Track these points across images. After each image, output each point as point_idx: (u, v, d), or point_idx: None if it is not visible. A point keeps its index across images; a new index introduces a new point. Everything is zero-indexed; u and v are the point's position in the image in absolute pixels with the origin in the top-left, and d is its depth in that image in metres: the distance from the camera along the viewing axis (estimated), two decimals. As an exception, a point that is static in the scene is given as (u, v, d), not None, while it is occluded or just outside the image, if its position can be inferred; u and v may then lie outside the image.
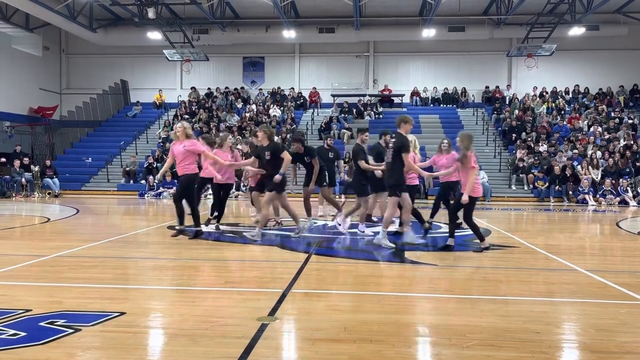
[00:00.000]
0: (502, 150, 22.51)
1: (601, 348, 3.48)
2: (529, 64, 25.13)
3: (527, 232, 9.72)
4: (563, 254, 7.11)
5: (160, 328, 3.92)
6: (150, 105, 28.10)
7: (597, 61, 26.37)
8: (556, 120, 23.98)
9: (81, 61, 29.20)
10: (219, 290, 5.03)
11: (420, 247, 7.55)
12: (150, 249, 7.51)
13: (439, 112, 25.97)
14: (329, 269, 6.17)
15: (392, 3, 23.93)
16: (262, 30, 26.25)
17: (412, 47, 27.09)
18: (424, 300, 4.78)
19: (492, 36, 25.75)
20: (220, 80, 28.60)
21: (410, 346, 3.48)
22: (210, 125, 24.85)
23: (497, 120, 24.80)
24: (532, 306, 4.57)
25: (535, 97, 26.02)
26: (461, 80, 27.22)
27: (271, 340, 3.55)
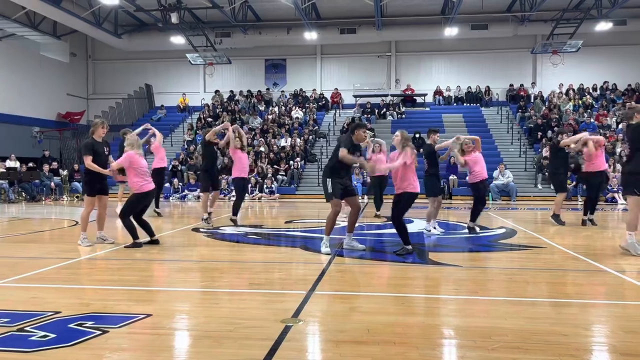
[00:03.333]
0: (527, 149, 22.17)
1: (631, 351, 3.39)
2: (555, 61, 24.71)
3: (554, 232, 9.55)
4: (591, 254, 6.96)
5: (185, 330, 3.96)
6: (174, 108, 28.49)
7: (625, 56, 25.79)
8: (583, 117, 23.51)
9: (107, 66, 29.79)
10: (243, 292, 5.06)
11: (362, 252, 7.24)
12: (175, 251, 7.60)
13: (463, 111, 25.71)
14: (352, 271, 6.16)
15: (413, 2, 23.79)
16: (283, 32, 26.38)
17: (434, 46, 26.90)
18: (448, 302, 4.74)
19: (516, 33, 25.39)
20: (242, 83, 28.83)
21: (435, 348, 3.45)
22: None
23: (521, 118, 24.44)
24: (560, 308, 4.49)
25: (561, 94, 25.57)
26: (485, 79, 26.92)
27: (295, 342, 3.56)
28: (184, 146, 23.94)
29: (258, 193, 19.89)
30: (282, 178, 21.12)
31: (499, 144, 22.81)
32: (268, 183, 20.17)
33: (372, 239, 9.07)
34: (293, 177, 21.27)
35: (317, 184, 20.15)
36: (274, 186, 20.21)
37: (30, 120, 24.81)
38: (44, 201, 19.20)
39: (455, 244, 8.31)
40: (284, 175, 21.27)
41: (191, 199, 19.43)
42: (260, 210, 15.72)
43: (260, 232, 9.65)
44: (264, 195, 19.76)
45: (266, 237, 9.08)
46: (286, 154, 22.37)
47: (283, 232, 9.93)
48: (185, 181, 20.93)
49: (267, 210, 15.50)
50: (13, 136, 23.19)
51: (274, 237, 9.18)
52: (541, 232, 9.37)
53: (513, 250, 7.62)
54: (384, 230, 10.06)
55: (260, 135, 23.96)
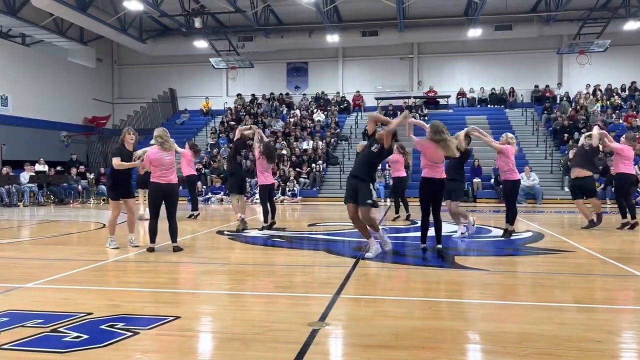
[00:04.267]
0: (553, 151, 21.80)
1: (669, 359, 3.31)
2: (581, 61, 24.26)
3: (582, 235, 9.36)
4: (622, 259, 6.81)
5: (213, 332, 3.99)
6: (197, 112, 28.80)
7: (655, 56, 25.18)
8: (611, 118, 23.03)
9: (132, 71, 30.27)
10: (269, 294, 5.08)
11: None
12: (201, 254, 7.67)
13: (487, 113, 25.41)
14: (378, 274, 6.14)
15: (436, 3, 23.61)
16: (305, 35, 26.46)
17: (457, 48, 26.66)
18: (477, 307, 4.68)
19: (541, 34, 25.01)
20: (264, 86, 28.98)
21: (465, 353, 3.41)
22: (256, 131, 25.19)
23: (547, 120, 24.06)
24: (592, 313, 4.39)
25: (589, 95, 25.09)
26: (509, 80, 26.57)
27: (322, 346, 3.56)
28: (207, 149, 24.16)
29: (280, 196, 19.96)
30: (304, 181, 21.16)
31: (524, 145, 22.46)
32: (290, 186, 20.23)
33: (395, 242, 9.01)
34: (315, 180, 21.29)
35: (340, 187, 20.13)
36: (296, 189, 20.26)
37: (58, 124, 25.33)
38: (71, 204, 19.58)
39: (482, 247, 8.21)
40: (306, 178, 21.30)
41: (215, 202, 19.59)
42: (283, 213, 15.76)
43: (283, 235, 9.67)
44: (286, 198, 19.81)
45: (289, 240, 9.10)
46: (308, 157, 22.41)
47: (306, 235, 9.94)
48: (209, 184, 21.11)
49: (290, 213, 15.54)
50: (42, 140, 23.71)
51: (297, 240, 9.19)
52: (569, 236, 9.20)
53: (540, 254, 7.50)
54: (408, 234, 10.00)
55: (282, 138, 24.05)
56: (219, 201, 19.60)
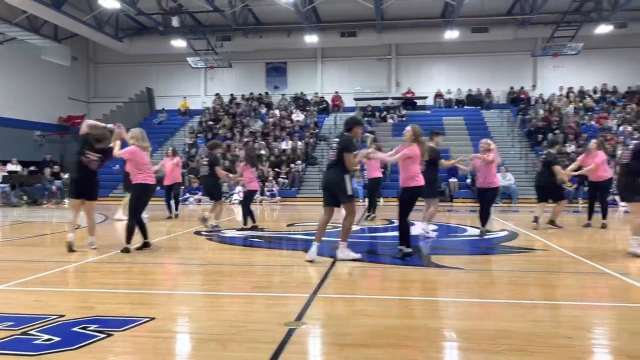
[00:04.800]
0: (528, 152, 22.17)
1: (636, 353, 3.40)
2: (555, 64, 24.75)
3: (555, 234, 9.55)
4: (593, 256, 6.96)
5: (189, 333, 3.97)
6: (175, 112, 28.54)
7: (626, 59, 25.78)
8: (584, 120, 23.53)
9: (108, 70, 29.85)
10: (246, 295, 5.06)
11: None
12: (177, 255, 7.61)
13: (463, 114, 25.73)
14: (354, 274, 6.16)
15: (413, 5, 23.82)
16: (284, 35, 26.43)
17: (434, 49, 26.92)
18: (452, 305, 4.74)
19: (516, 36, 25.42)
20: (243, 86, 28.86)
21: (440, 351, 3.46)
22: (234, 131, 25.09)
23: (522, 121, 24.46)
24: (563, 310, 4.49)
25: (562, 96, 25.59)
26: (485, 81, 26.94)
27: (299, 345, 3.56)
28: (185, 149, 23.96)
29: (259, 196, 19.87)
30: (283, 181, 21.13)
31: (499, 146, 22.66)
32: (269, 186, 20.18)
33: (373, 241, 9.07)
34: (294, 180, 21.28)
35: (318, 187, 20.13)
36: (275, 189, 20.21)
37: (31, 124, 24.81)
38: (45, 205, 19.21)
39: (457, 246, 8.31)
40: (285, 178, 21.28)
41: (193, 202, 19.43)
42: (262, 213, 15.71)
43: (262, 235, 9.65)
44: (265, 199, 19.76)
45: (268, 240, 9.09)
46: (287, 157, 22.39)
47: (285, 235, 9.93)
48: (187, 184, 20.92)
49: (269, 214, 15.51)
50: (15, 140, 23.20)
51: (276, 241, 9.19)
52: (542, 235, 9.37)
53: (515, 253, 7.62)
54: (386, 233, 10.07)
55: (261, 138, 23.98)
56: (196, 202, 19.44)
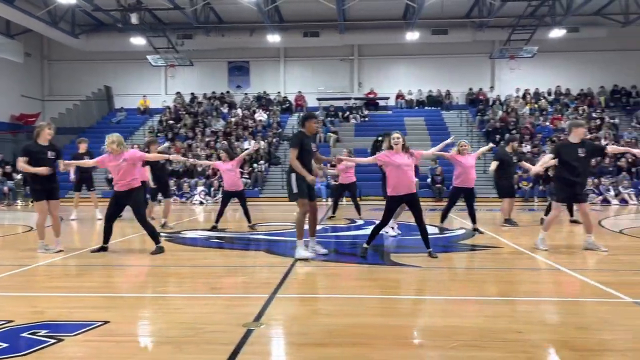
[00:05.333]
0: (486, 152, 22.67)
1: (582, 346, 3.53)
2: (512, 66, 25.46)
3: (511, 232, 9.82)
4: (547, 253, 7.19)
5: (145, 336, 3.90)
6: (134, 111, 27.96)
7: (578, 62, 26.75)
8: (539, 121, 24.27)
9: (64, 67, 28.96)
10: (205, 296, 5.01)
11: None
12: (136, 257, 7.45)
13: (424, 115, 26.15)
14: (314, 273, 6.18)
15: (375, 7, 24.06)
16: (246, 34, 26.26)
17: (396, 50, 27.25)
18: (409, 303, 4.82)
19: (474, 39, 26.01)
20: (205, 85, 28.52)
21: (395, 348, 3.50)
22: (196, 130, 24.77)
23: (481, 121, 25.04)
24: (516, 306, 4.63)
25: (518, 98, 26.32)
26: (445, 83, 27.45)
27: (257, 346, 3.55)
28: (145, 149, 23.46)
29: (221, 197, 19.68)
30: (246, 181, 20.96)
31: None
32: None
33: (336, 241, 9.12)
34: (257, 180, 21.17)
35: (282, 187, 20.10)
36: (237, 189, 20.03)
37: (-19, 122, 23.88)
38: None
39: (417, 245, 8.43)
40: (248, 178, 21.14)
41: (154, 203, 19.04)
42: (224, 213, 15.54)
43: (223, 236, 9.56)
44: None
45: (229, 241, 9.02)
46: (250, 157, 22.23)
47: (246, 235, 9.87)
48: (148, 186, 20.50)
49: (231, 214, 15.37)
50: (-37, 139, 22.27)
51: (238, 241, 9.12)
52: (499, 233, 9.62)
53: (472, 251, 7.80)
54: (348, 232, 10.13)
55: (223, 137, 23.75)
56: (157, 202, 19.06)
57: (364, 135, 23.88)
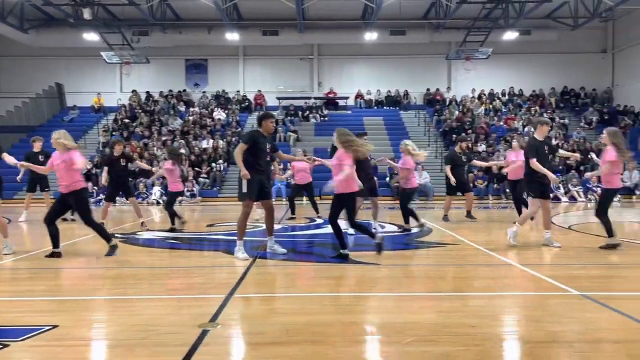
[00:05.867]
0: (443, 151, 23.14)
1: (531, 338, 3.64)
2: (467, 67, 26.09)
3: (467, 229, 10.04)
4: (500, 249, 7.39)
5: (95, 340, 3.79)
6: (88, 109, 27.17)
7: (530, 64, 27.64)
8: (493, 121, 24.92)
9: (12, 63, 27.81)
10: (160, 298, 4.91)
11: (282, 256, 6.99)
12: (89, 259, 7.24)
13: (383, 114, 26.45)
14: (272, 272, 6.16)
15: (334, 6, 24.18)
16: (204, 32, 25.92)
17: (355, 50, 27.45)
18: (366, 300, 4.86)
19: (432, 40, 26.48)
20: (162, 82, 27.97)
21: (351, 345, 3.52)
22: (152, 129, 24.27)
23: (438, 121, 25.52)
24: (470, 301, 4.73)
25: (474, 98, 26.96)
26: (403, 83, 27.84)
27: (212, 347, 3.50)
28: (99, 148, 22.85)
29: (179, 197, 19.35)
30: (204, 181, 20.71)
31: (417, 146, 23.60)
32: (189, 186, 19.69)
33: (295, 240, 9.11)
34: (215, 180, 20.92)
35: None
36: (195, 189, 19.77)
37: None
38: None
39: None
40: (206, 177, 20.87)
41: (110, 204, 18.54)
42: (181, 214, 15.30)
43: (180, 237, 9.40)
44: (185, 199, 19.27)
45: (187, 242, 8.87)
46: (208, 156, 21.97)
47: (204, 236, 9.74)
48: (101, 185, 19.94)
49: (189, 214, 15.14)
50: None
51: (195, 241, 8.99)
52: (455, 230, 9.82)
53: (428, 248, 7.94)
54: (307, 231, 10.14)
55: (180, 136, 23.35)
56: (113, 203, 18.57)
57: (323, 134, 23.93)
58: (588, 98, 27.44)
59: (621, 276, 5.82)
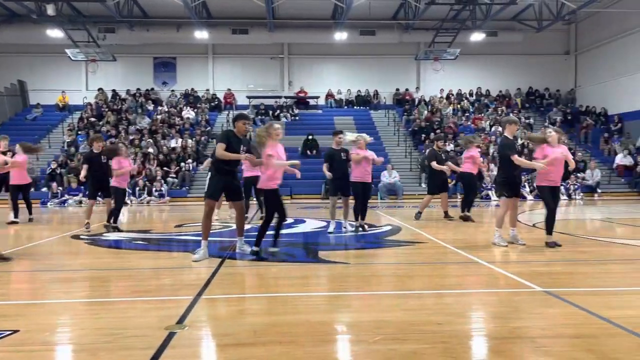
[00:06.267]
0: (412, 150, 23.41)
1: (495, 334, 3.72)
2: (436, 67, 26.41)
3: (435, 227, 10.18)
4: (467, 247, 7.51)
5: (58, 344, 3.69)
6: (52, 107, 26.49)
7: (497, 65, 28.18)
8: (461, 120, 25.32)
9: (-29, 60, 26.91)
10: (126, 300, 4.83)
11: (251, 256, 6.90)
12: (53, 261, 7.06)
13: (353, 114, 26.59)
14: (241, 273, 6.12)
15: (304, 6, 24.16)
16: (173, 30, 25.57)
17: (325, 50, 27.50)
18: (335, 299, 4.87)
19: (401, 40, 26.73)
20: (129, 81, 27.47)
21: (319, 345, 3.53)
22: (119, 128, 23.82)
23: (407, 121, 25.78)
24: (436, 299, 4.80)
25: (442, 98, 27.33)
26: (373, 83, 28.02)
27: (179, 349, 3.46)
28: (63, 147, 22.31)
29: (147, 197, 19.07)
30: (173, 180, 20.43)
31: (386, 145, 23.87)
32: (157, 186, 19.41)
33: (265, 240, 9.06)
34: (184, 180, 20.67)
35: (210, 186, 19.73)
36: (163, 189, 19.49)
37: None
38: None
39: (345, 242, 8.56)
40: (175, 177, 20.59)
41: (73, 204, 18.16)
42: (149, 214, 15.09)
43: (148, 238, 9.26)
44: (153, 199, 18.99)
45: (155, 243, 8.75)
46: (177, 156, 21.68)
47: (173, 236, 9.60)
48: (66, 185, 19.51)
49: (157, 215, 14.93)
50: None
51: (164, 242, 8.87)
52: (424, 228, 9.94)
53: (397, 246, 8.01)
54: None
55: (148, 136, 22.98)
56: (77, 203, 18.20)
57: (294, 134, 23.92)
58: (552, 99, 28.15)
59: (582, 272, 5.99)
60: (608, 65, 25.59)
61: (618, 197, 19.88)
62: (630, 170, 21.46)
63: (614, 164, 22.02)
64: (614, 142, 23.67)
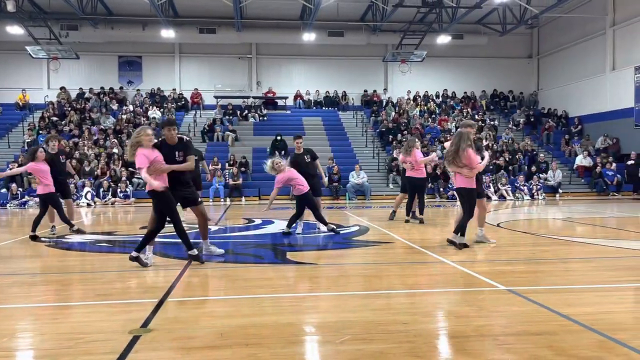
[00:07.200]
0: (380, 151, 23.60)
1: (460, 333, 3.78)
2: (403, 69, 26.70)
3: (403, 228, 10.28)
4: (433, 247, 7.61)
5: (16, 350, 3.58)
6: (12, 106, 25.68)
7: (462, 67, 28.70)
8: (428, 122, 25.67)
9: None
10: (88, 304, 4.71)
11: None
12: (12, 264, 6.85)
13: (322, 115, 26.64)
14: (207, 275, 6.05)
15: (273, 6, 24.11)
16: (138, 28, 25.14)
17: (294, 51, 27.49)
18: (302, 300, 4.87)
19: (369, 42, 26.94)
20: (93, 80, 26.87)
21: (286, 347, 3.52)
22: (83, 127, 23.27)
23: (375, 122, 25.98)
24: (402, 298, 4.85)
25: (409, 100, 27.66)
26: (342, 84, 28.14)
27: (142, 353, 3.40)
28: (23, 147, 21.63)
29: (111, 198, 18.68)
30: (138, 181, 20.05)
31: (354, 146, 24.02)
32: (122, 187, 19.03)
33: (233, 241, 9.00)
34: (150, 181, 20.29)
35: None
36: (128, 190, 19.12)
37: None
38: None
39: (314, 242, 8.57)
40: (140, 178, 20.20)
41: (34, 206, 17.62)
42: (114, 216, 14.78)
43: (112, 240, 9.07)
44: (118, 200, 18.61)
45: (120, 245, 8.57)
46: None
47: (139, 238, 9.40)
48: (26, 186, 18.93)
49: (122, 216, 14.64)
50: None
51: (129, 244, 8.68)
52: (391, 228, 10.04)
53: (364, 247, 8.06)
54: (246, 232, 10.05)
55: (113, 136, 22.51)
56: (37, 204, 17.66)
57: (263, 134, 23.85)
58: (516, 101, 28.83)
59: (545, 271, 6.14)
60: (569, 69, 26.38)
61: (578, 197, 20.49)
62: (589, 171, 22.14)
63: (575, 165, 22.69)
64: (574, 144, 24.39)
